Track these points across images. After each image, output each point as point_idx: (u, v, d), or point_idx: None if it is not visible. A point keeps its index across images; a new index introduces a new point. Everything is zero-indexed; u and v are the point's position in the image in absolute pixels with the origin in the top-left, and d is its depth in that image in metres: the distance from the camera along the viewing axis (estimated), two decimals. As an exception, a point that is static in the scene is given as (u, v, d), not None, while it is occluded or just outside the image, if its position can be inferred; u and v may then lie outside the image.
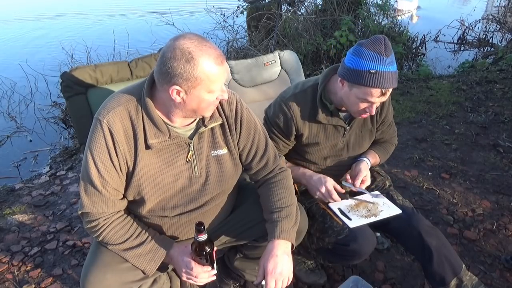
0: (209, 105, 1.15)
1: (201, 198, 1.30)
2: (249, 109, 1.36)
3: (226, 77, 1.10)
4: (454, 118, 3.56)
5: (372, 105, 1.39)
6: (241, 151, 1.35)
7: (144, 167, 1.19)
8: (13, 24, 9.07)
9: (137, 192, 1.21)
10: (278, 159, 1.42)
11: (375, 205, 1.58)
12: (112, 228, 1.20)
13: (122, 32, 5.41)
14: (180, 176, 1.24)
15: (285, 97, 1.55)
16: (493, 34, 6.39)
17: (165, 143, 1.19)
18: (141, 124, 1.17)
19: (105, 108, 1.17)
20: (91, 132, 1.17)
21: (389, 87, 1.32)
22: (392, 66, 1.32)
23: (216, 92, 1.12)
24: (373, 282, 1.86)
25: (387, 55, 1.31)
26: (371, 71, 1.30)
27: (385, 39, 1.33)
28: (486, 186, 2.60)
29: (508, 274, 1.91)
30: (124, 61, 1.65)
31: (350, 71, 1.36)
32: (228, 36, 5.65)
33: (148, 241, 1.23)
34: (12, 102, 4.57)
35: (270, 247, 1.24)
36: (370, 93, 1.34)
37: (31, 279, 1.99)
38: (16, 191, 2.80)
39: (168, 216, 1.29)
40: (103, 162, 1.15)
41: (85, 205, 1.18)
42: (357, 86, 1.36)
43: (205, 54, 1.06)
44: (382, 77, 1.30)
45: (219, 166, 1.30)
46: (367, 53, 1.32)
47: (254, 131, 1.35)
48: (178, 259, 1.24)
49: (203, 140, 1.26)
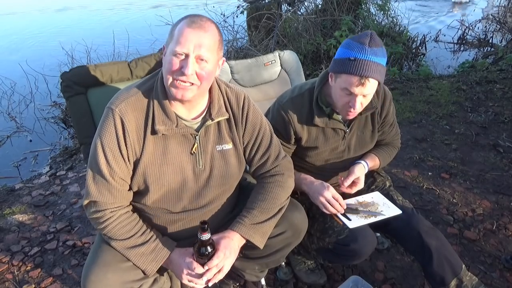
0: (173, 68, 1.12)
1: (205, 194, 1.31)
2: (257, 106, 1.38)
3: (196, 44, 1.11)
4: (454, 118, 3.56)
5: (355, 98, 1.37)
6: (245, 146, 1.36)
7: (151, 155, 1.21)
8: (14, 22, 9.10)
9: (142, 180, 1.22)
10: (279, 160, 1.41)
11: (375, 205, 1.58)
12: (119, 222, 1.21)
13: (122, 32, 5.41)
14: (184, 167, 1.25)
15: (282, 102, 1.55)
16: (493, 34, 6.39)
17: (171, 131, 1.21)
18: (151, 113, 1.20)
19: (118, 98, 1.20)
20: (102, 120, 1.19)
21: (367, 75, 1.31)
22: (375, 57, 1.32)
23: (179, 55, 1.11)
24: (373, 282, 1.86)
25: (371, 46, 1.32)
26: (351, 58, 1.33)
27: (373, 33, 1.35)
28: (486, 186, 2.60)
29: (508, 274, 1.91)
30: (124, 61, 1.65)
31: (335, 62, 1.40)
32: (228, 36, 5.66)
33: (152, 240, 1.24)
34: (12, 102, 4.57)
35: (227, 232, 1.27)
36: (349, 81, 1.34)
37: (31, 279, 1.99)
38: (16, 191, 2.80)
39: (172, 212, 1.30)
40: (112, 151, 1.17)
41: (92, 193, 1.19)
42: (339, 75, 1.38)
43: (188, 18, 1.14)
44: (360, 64, 1.31)
45: (224, 160, 1.31)
46: (351, 43, 1.35)
47: (260, 127, 1.36)
48: (179, 261, 1.23)
49: (209, 134, 1.28)
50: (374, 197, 1.62)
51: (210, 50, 1.14)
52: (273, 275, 1.93)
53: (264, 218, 1.31)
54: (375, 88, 1.37)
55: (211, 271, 1.19)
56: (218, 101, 1.28)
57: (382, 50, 1.35)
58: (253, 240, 1.28)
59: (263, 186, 1.38)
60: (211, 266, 1.18)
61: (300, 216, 1.41)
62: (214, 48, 1.16)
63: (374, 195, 1.64)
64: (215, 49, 1.17)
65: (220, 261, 1.19)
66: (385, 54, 1.37)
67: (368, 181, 1.75)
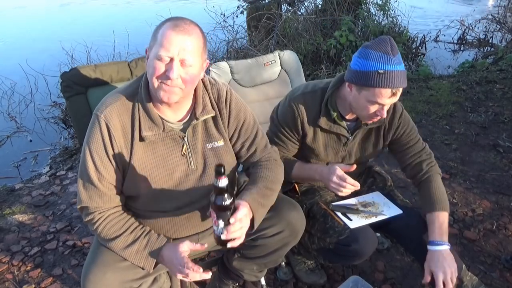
0: (158, 72, 1.11)
1: (198, 191, 1.30)
2: (240, 98, 1.37)
3: (181, 48, 1.09)
4: (454, 118, 3.56)
5: (383, 107, 1.36)
6: (231, 137, 1.35)
7: (140, 161, 1.21)
8: (15, 20, 9.12)
9: (133, 186, 1.22)
10: (268, 149, 1.42)
11: (375, 205, 1.58)
12: (108, 222, 1.21)
13: (122, 32, 5.40)
14: (176, 170, 1.25)
15: (294, 95, 1.54)
16: (493, 34, 6.38)
17: (159, 136, 1.21)
18: (137, 118, 1.20)
19: (103, 104, 1.21)
20: (89, 127, 1.21)
21: (399, 86, 1.31)
22: (400, 65, 1.31)
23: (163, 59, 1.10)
24: (373, 282, 1.86)
25: (394, 55, 1.30)
26: (380, 71, 1.28)
27: (390, 39, 1.32)
28: (486, 186, 2.60)
29: (508, 274, 1.91)
30: (124, 61, 1.66)
31: (358, 74, 1.34)
32: (228, 36, 5.65)
33: (143, 236, 1.23)
34: (12, 102, 4.57)
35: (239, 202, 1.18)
36: (380, 94, 1.32)
37: (31, 279, 1.99)
38: (16, 191, 2.80)
39: (166, 211, 1.30)
40: (100, 156, 1.18)
41: (83, 199, 1.21)
42: (366, 88, 1.33)
43: (171, 21, 1.13)
44: (391, 77, 1.28)
45: (217, 158, 1.31)
46: (374, 54, 1.30)
47: (244, 118, 1.35)
48: (170, 256, 1.20)
49: (197, 133, 1.27)
50: (375, 197, 1.62)
51: (195, 54, 1.13)
52: (273, 275, 1.93)
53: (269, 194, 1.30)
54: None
55: (235, 225, 1.10)
56: (203, 100, 1.27)
57: (399, 53, 1.34)
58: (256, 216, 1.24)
59: (261, 165, 1.37)
60: (236, 219, 1.10)
61: (298, 216, 1.40)
62: (198, 52, 1.15)
63: (374, 195, 1.64)
64: (199, 52, 1.16)
65: (244, 214, 1.13)
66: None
67: (368, 181, 1.75)
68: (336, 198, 1.64)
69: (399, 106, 1.55)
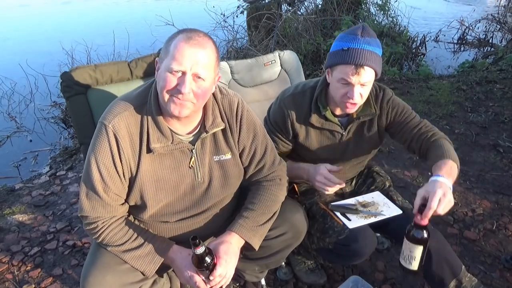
0: (170, 86, 1.08)
1: (203, 203, 1.30)
2: (251, 110, 1.35)
3: (194, 61, 1.07)
4: (454, 118, 3.56)
5: (352, 88, 1.36)
6: (241, 152, 1.34)
7: (147, 172, 1.19)
8: (15, 20, 9.12)
9: (139, 197, 1.21)
10: (275, 166, 1.39)
11: (375, 205, 1.58)
12: (111, 230, 1.20)
13: (122, 32, 5.40)
14: (182, 181, 1.24)
15: (283, 96, 1.56)
16: (493, 34, 6.38)
17: (167, 148, 1.18)
18: (145, 130, 1.17)
19: (110, 112, 1.16)
20: (95, 136, 1.17)
21: (363, 63, 1.32)
22: (368, 45, 1.33)
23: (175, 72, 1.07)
24: (373, 282, 1.86)
25: (363, 36, 1.34)
26: (344, 48, 1.35)
27: (365, 25, 1.37)
28: (486, 186, 2.59)
29: (508, 274, 1.91)
30: (124, 61, 1.66)
31: (329, 56, 1.42)
32: (228, 36, 5.65)
33: (147, 243, 1.23)
34: (12, 102, 4.57)
35: (225, 236, 1.24)
36: (344, 71, 1.35)
37: (31, 279, 1.99)
38: (16, 191, 2.80)
39: (170, 222, 1.29)
40: (107, 167, 1.15)
41: (85, 209, 1.18)
42: (334, 68, 1.39)
43: (184, 33, 1.10)
44: (354, 53, 1.32)
45: (223, 171, 1.29)
46: (344, 36, 1.38)
47: (255, 133, 1.33)
48: (180, 267, 1.22)
49: (206, 146, 1.26)
50: (375, 197, 1.62)
51: (208, 68, 1.10)
52: (273, 275, 1.93)
53: (265, 219, 1.30)
54: (372, 77, 1.37)
55: (215, 280, 1.16)
56: (212, 112, 1.24)
57: (376, 40, 1.37)
58: (252, 243, 1.26)
59: (262, 186, 1.36)
60: (215, 276, 1.16)
61: (301, 218, 1.41)
62: (211, 66, 1.12)
63: (374, 195, 1.64)
64: (213, 66, 1.13)
65: (223, 269, 1.17)
66: (379, 45, 1.38)
67: (368, 181, 1.76)
68: (336, 198, 1.64)
69: (389, 91, 1.56)
